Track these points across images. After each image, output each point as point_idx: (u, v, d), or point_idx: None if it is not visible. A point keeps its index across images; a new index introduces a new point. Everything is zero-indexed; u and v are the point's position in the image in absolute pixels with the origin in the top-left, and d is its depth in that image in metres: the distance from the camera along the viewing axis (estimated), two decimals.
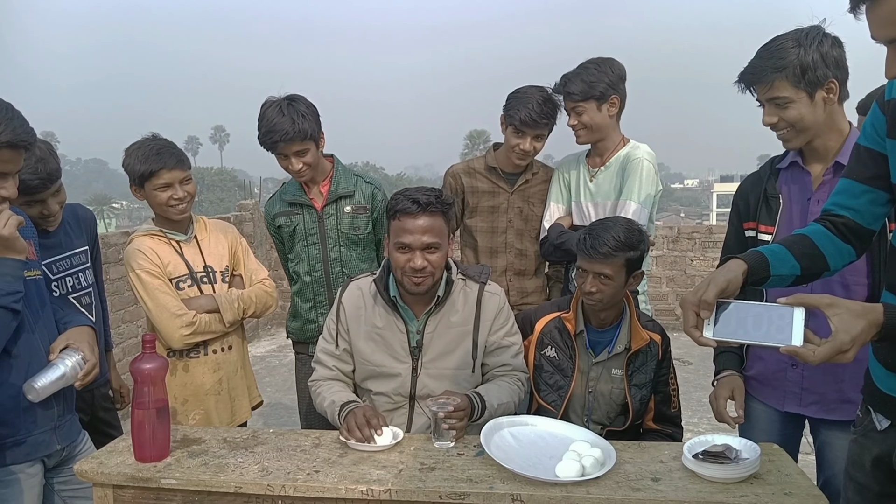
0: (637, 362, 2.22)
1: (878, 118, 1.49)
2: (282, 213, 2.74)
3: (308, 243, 2.71)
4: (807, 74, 1.76)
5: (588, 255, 2.13)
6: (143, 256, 2.36)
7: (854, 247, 1.59)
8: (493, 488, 1.60)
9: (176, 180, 2.35)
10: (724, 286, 1.44)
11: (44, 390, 1.76)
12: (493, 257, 2.86)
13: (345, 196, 2.69)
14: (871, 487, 1.52)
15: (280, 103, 2.53)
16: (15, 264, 1.73)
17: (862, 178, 1.54)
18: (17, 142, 1.64)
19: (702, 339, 1.44)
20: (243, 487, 1.66)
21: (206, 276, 2.48)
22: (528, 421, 1.95)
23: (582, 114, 2.60)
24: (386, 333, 2.13)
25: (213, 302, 2.43)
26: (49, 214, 2.23)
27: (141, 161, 2.31)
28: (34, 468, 1.86)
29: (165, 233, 2.44)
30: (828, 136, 1.87)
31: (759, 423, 2.08)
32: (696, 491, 1.57)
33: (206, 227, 2.57)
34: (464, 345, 2.13)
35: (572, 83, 2.58)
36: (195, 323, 2.36)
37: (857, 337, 1.30)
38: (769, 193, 1.99)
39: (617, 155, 2.67)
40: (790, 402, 1.99)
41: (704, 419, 4.85)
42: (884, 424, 1.49)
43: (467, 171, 2.90)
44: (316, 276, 2.72)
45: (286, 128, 2.47)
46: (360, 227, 2.71)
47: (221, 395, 2.48)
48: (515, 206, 2.84)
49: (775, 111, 1.84)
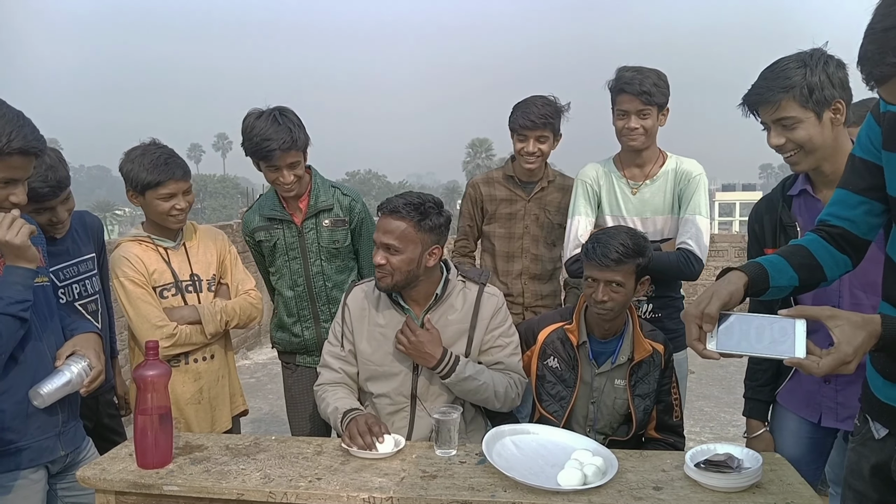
0: (640, 372, 2.23)
1: (874, 129, 1.49)
2: (260, 228, 2.69)
3: (289, 258, 2.68)
4: (814, 94, 1.76)
5: (599, 263, 2.13)
6: (127, 264, 2.34)
7: (850, 257, 1.60)
8: (494, 497, 1.60)
9: (180, 191, 2.35)
10: (726, 300, 1.44)
11: (49, 396, 1.77)
12: (510, 261, 2.94)
13: (324, 210, 2.66)
14: (869, 496, 1.53)
15: (272, 113, 2.48)
16: (25, 273, 1.75)
17: (857, 188, 1.54)
18: (27, 148, 1.65)
19: (705, 351, 1.45)
20: (245, 494, 1.67)
21: (192, 284, 2.46)
22: (530, 429, 1.95)
23: (647, 117, 2.52)
24: (388, 332, 2.17)
25: (196, 313, 2.40)
26: (58, 222, 2.24)
27: (147, 170, 2.29)
28: (38, 474, 1.86)
29: (153, 239, 2.42)
30: (835, 160, 1.85)
31: (792, 436, 2.09)
32: (697, 500, 1.57)
33: (195, 233, 2.55)
34: (460, 343, 2.18)
35: (643, 83, 2.47)
36: (175, 335, 2.34)
37: (859, 348, 1.31)
38: (785, 222, 2.00)
39: (665, 169, 2.61)
40: (827, 417, 2.00)
41: (706, 428, 4.84)
42: (882, 433, 1.50)
43: (486, 181, 3.01)
44: (299, 291, 2.70)
45: (284, 137, 2.42)
46: (339, 241, 2.68)
47: (202, 405, 2.46)
48: (532, 213, 2.92)
49: (783, 132, 1.82)
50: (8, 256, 1.74)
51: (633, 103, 2.50)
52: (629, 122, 2.52)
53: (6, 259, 1.74)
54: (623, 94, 2.51)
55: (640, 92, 2.46)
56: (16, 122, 1.64)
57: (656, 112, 2.52)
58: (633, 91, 2.47)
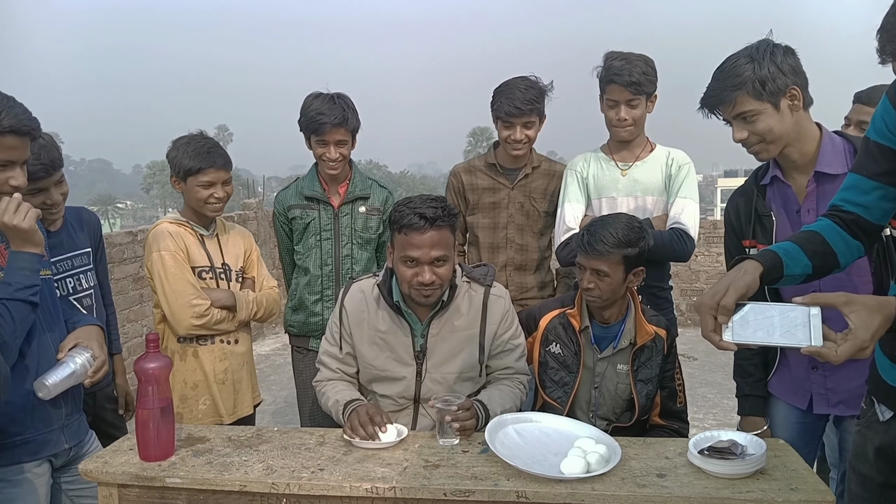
0: (643, 357, 2.22)
1: (889, 112, 1.46)
2: (297, 206, 2.81)
3: (321, 238, 2.78)
4: (766, 86, 1.77)
5: (585, 252, 2.14)
6: (170, 238, 2.43)
7: (863, 242, 1.58)
8: (497, 485, 1.60)
9: (220, 180, 2.46)
10: (743, 292, 1.43)
11: (55, 388, 1.77)
12: (494, 253, 2.86)
13: (361, 197, 2.79)
14: (874, 478, 1.53)
15: (329, 94, 2.68)
16: (32, 258, 1.74)
17: (872, 174, 1.52)
18: (19, 127, 1.64)
19: (722, 343, 1.43)
20: (248, 486, 1.67)
21: (224, 272, 2.56)
22: (532, 418, 1.95)
23: (636, 107, 2.53)
24: (389, 338, 2.11)
25: (232, 298, 2.50)
26: (52, 204, 2.21)
27: (191, 157, 2.41)
28: (42, 467, 1.86)
29: (191, 224, 2.52)
30: (801, 144, 1.86)
31: (782, 422, 2.08)
32: (701, 487, 1.57)
33: (225, 227, 2.66)
34: (468, 349, 2.11)
35: (632, 73, 2.46)
36: (206, 316, 2.43)
37: (876, 332, 1.31)
38: (760, 212, 1.99)
39: (654, 154, 2.64)
40: (819, 403, 1.99)
41: (710, 415, 4.85)
42: (887, 415, 1.50)
43: (468, 170, 2.92)
44: (327, 271, 2.78)
45: (336, 114, 2.62)
46: (373, 228, 2.80)
47: (226, 385, 2.54)
48: (516, 201, 2.83)
49: (744, 126, 1.83)
50: (14, 241, 1.73)
51: (622, 94, 2.51)
52: (619, 112, 2.54)
53: (12, 244, 1.73)
54: (612, 85, 2.51)
55: (629, 83, 2.47)
56: (6, 103, 1.63)
57: (645, 100, 2.54)
58: (623, 82, 2.47)
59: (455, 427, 1.84)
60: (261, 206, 8.09)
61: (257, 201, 8.18)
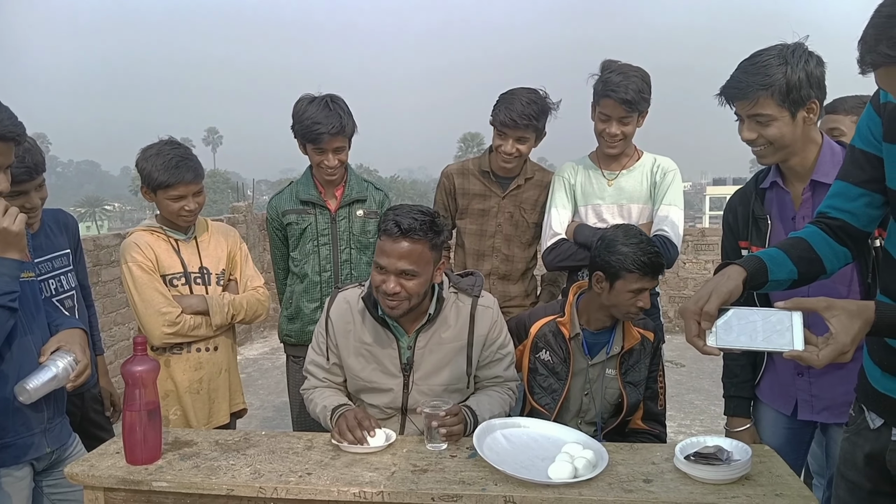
0: (630, 360, 2.24)
1: (874, 120, 1.48)
2: (292, 211, 2.74)
3: (319, 244, 2.72)
4: (791, 94, 1.74)
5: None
6: (137, 250, 2.38)
7: (849, 249, 1.60)
8: (485, 490, 1.60)
9: (190, 193, 2.39)
10: (725, 298, 1.44)
11: (35, 392, 1.75)
12: (480, 260, 2.84)
13: (358, 200, 2.74)
14: (862, 485, 1.54)
15: (324, 99, 2.60)
16: (13, 264, 1.72)
17: (858, 180, 1.54)
18: (4, 133, 1.63)
19: (705, 347, 1.44)
20: (235, 490, 1.66)
21: (201, 276, 2.49)
22: (520, 423, 1.95)
23: (628, 124, 2.53)
24: (375, 350, 2.09)
25: (204, 303, 2.43)
26: (31, 208, 2.20)
27: (160, 171, 2.34)
28: (23, 471, 1.84)
29: (165, 230, 2.47)
30: (803, 155, 1.87)
31: (769, 428, 2.09)
32: (687, 492, 1.57)
33: (207, 228, 2.59)
34: (456, 361, 2.09)
35: (628, 91, 2.44)
36: (178, 323, 2.37)
37: (856, 337, 1.32)
38: (757, 215, 1.99)
39: (641, 162, 2.66)
40: (803, 409, 2.00)
41: (697, 421, 4.87)
42: (877, 423, 1.51)
43: (461, 172, 2.89)
44: (325, 277, 2.72)
45: (333, 122, 2.55)
46: (370, 232, 2.74)
47: (200, 395, 2.47)
48: (506, 210, 2.80)
49: (756, 128, 1.82)
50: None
51: (615, 110, 2.50)
52: (611, 127, 2.55)
53: None
54: (607, 99, 2.49)
55: (623, 100, 2.46)
56: None
57: (637, 117, 2.55)
58: (618, 98, 2.46)
59: (442, 433, 1.84)
60: (250, 210, 8.06)
61: (246, 204, 8.14)
